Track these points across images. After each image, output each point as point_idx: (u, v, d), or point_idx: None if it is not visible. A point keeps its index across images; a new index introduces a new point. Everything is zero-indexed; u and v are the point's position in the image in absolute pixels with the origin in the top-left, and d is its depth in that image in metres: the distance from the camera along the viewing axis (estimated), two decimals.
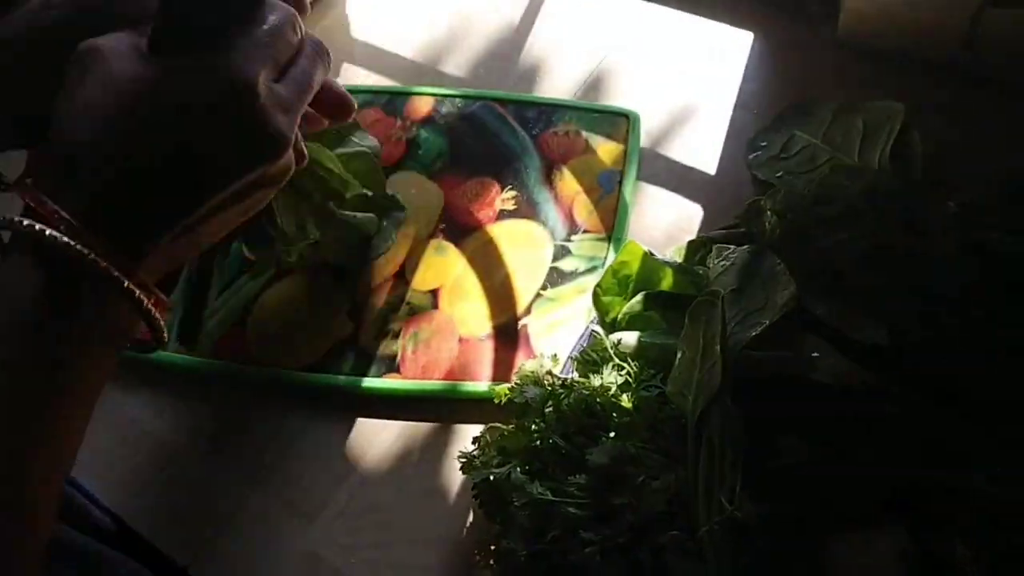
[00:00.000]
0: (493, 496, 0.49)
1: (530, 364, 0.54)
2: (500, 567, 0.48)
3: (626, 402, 0.49)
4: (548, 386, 0.51)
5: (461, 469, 0.51)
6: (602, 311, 0.56)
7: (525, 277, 0.62)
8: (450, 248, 0.64)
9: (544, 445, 0.49)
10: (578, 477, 0.47)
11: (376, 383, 0.59)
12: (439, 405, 0.58)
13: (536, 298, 0.61)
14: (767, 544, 0.43)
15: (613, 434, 0.48)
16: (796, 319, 0.49)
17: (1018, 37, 0.61)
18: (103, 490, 0.55)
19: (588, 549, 0.44)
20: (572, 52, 0.74)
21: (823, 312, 0.49)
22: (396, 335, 0.61)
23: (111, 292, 0.36)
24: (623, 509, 0.45)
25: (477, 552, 0.50)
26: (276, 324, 0.62)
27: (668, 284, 0.55)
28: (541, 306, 0.61)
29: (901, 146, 0.58)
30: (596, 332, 0.55)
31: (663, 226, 0.64)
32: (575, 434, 0.49)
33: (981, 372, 0.48)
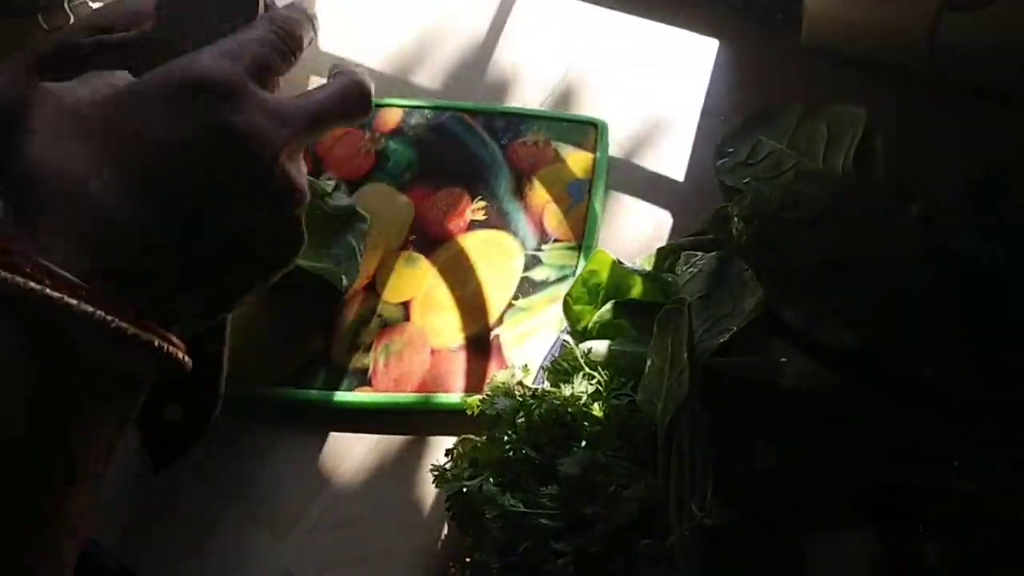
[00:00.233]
0: (466, 508, 0.49)
1: (501, 375, 0.54)
2: None
3: (597, 411, 0.49)
4: (519, 397, 0.51)
5: (434, 482, 0.51)
6: (573, 320, 0.56)
7: (496, 287, 0.62)
8: (421, 260, 0.64)
9: (516, 456, 0.49)
10: (550, 488, 0.47)
11: (348, 397, 0.59)
12: (412, 418, 0.58)
13: (508, 308, 0.61)
14: (738, 549, 0.43)
15: (584, 443, 0.48)
16: (764, 324, 0.49)
17: (977, 40, 0.62)
18: None
19: (560, 560, 0.44)
20: (540, 62, 0.74)
21: (790, 317, 0.50)
22: (368, 348, 0.60)
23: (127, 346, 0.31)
24: (595, 518, 0.45)
25: (452, 565, 0.50)
26: (247, 339, 0.61)
27: (638, 292, 0.55)
28: (513, 316, 0.61)
29: (864, 150, 0.59)
30: (567, 342, 0.55)
31: (633, 234, 0.65)
32: (547, 444, 0.49)
33: (948, 373, 0.49)
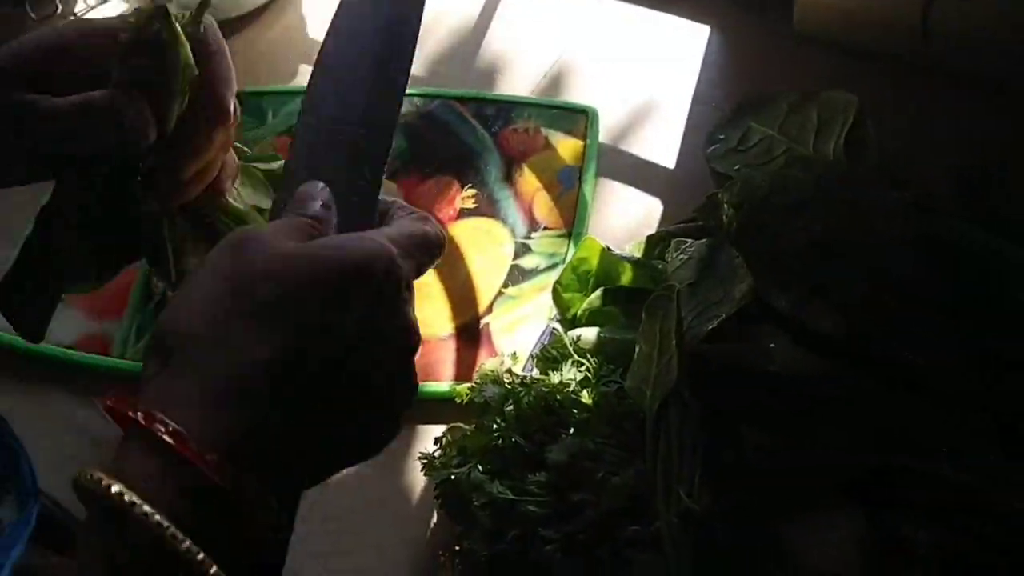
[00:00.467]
0: (454, 497, 0.49)
1: (490, 363, 0.53)
2: (462, 568, 0.48)
3: (586, 398, 0.49)
4: (508, 385, 0.51)
5: (423, 470, 0.51)
6: (562, 307, 0.56)
7: (486, 276, 0.62)
8: None
9: (504, 444, 0.49)
10: (538, 475, 0.47)
11: None
12: None
13: (498, 296, 0.61)
14: (726, 535, 0.43)
15: (573, 431, 0.48)
16: (754, 310, 0.49)
17: (968, 27, 0.62)
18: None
19: (548, 547, 0.44)
20: (530, 49, 0.73)
21: (780, 303, 0.50)
22: None
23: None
24: (583, 505, 0.45)
25: (441, 554, 0.50)
26: None
27: (627, 279, 0.55)
28: (503, 304, 0.61)
29: (855, 137, 0.58)
30: (556, 329, 0.54)
31: (624, 221, 0.64)
32: (535, 432, 0.49)
33: (937, 360, 0.48)
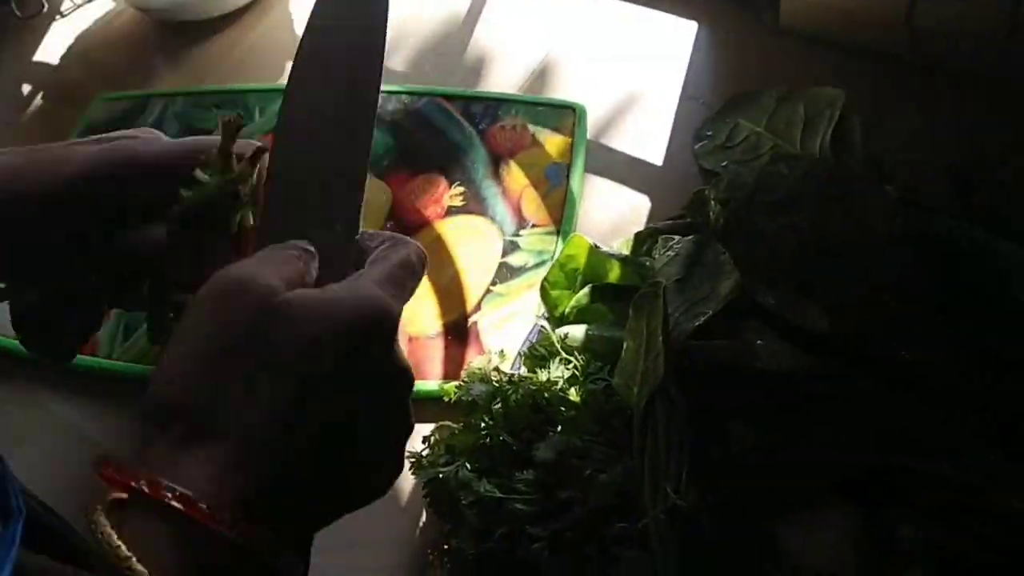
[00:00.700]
0: (442, 495, 0.49)
1: (478, 361, 0.53)
2: (450, 566, 0.48)
3: (573, 396, 0.49)
4: (495, 383, 0.51)
5: (410, 469, 0.51)
6: (550, 305, 0.56)
7: (475, 273, 0.62)
8: None
9: (492, 442, 0.49)
10: (526, 473, 0.46)
11: None
12: None
13: (486, 294, 0.61)
14: (713, 532, 0.43)
15: (560, 428, 0.48)
16: (740, 307, 0.49)
17: (953, 23, 0.62)
18: (41, 497, 0.54)
19: (536, 545, 0.44)
20: (517, 46, 0.73)
21: (766, 299, 0.50)
22: None
23: None
24: (571, 503, 0.45)
25: (430, 552, 0.50)
26: None
27: (615, 276, 0.55)
28: (491, 302, 0.60)
29: (842, 132, 0.58)
30: (544, 327, 0.54)
31: (611, 218, 0.64)
32: (523, 430, 0.49)
33: (926, 356, 0.49)
